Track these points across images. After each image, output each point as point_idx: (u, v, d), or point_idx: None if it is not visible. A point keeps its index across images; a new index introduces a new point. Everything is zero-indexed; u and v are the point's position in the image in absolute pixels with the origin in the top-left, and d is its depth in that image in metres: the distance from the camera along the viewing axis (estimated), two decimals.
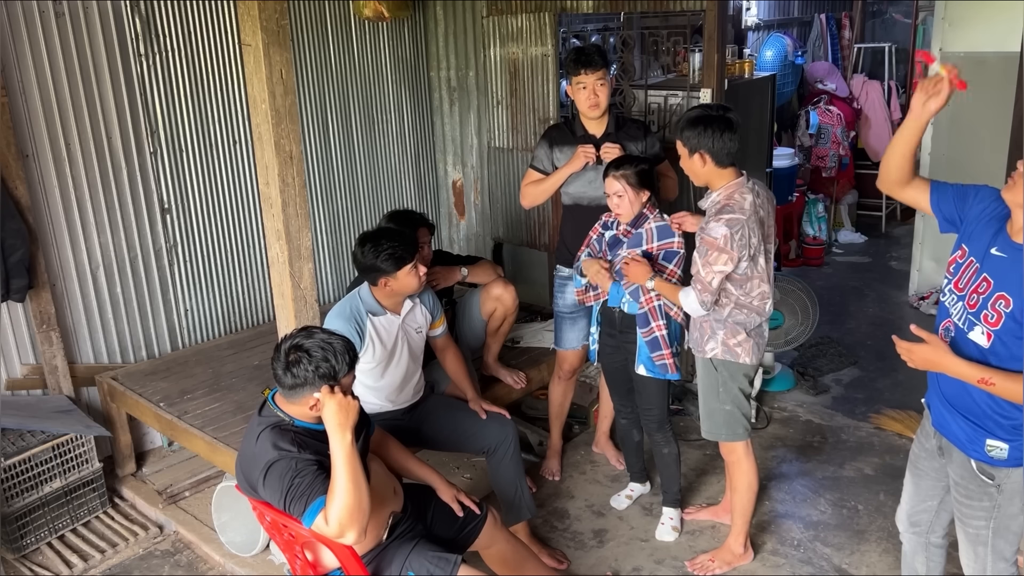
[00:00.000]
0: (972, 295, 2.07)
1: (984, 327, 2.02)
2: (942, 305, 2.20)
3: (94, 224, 3.82)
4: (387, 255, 2.83)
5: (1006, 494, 2.14)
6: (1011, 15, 4.77)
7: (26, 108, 3.54)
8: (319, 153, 4.68)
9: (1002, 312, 1.99)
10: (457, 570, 2.39)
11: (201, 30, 4.09)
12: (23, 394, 3.75)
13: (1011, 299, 1.97)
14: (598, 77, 3.28)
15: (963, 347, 2.08)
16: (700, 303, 2.76)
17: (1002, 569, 2.27)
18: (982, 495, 2.17)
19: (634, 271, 2.99)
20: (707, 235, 2.72)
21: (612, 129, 3.39)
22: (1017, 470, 2.11)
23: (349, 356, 2.21)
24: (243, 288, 4.46)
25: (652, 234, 3.09)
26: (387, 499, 2.46)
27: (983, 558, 2.26)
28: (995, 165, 4.25)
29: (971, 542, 2.27)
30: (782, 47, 7.40)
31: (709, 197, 2.83)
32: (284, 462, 2.15)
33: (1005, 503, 2.15)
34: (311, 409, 2.20)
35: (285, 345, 2.20)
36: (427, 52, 5.14)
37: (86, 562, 3.35)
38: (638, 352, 3.13)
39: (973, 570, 2.32)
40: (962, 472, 2.20)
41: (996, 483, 2.13)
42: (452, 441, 3.16)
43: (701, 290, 2.75)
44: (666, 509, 3.39)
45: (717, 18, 3.94)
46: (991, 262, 2.04)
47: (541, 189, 3.48)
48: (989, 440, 2.09)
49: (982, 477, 2.15)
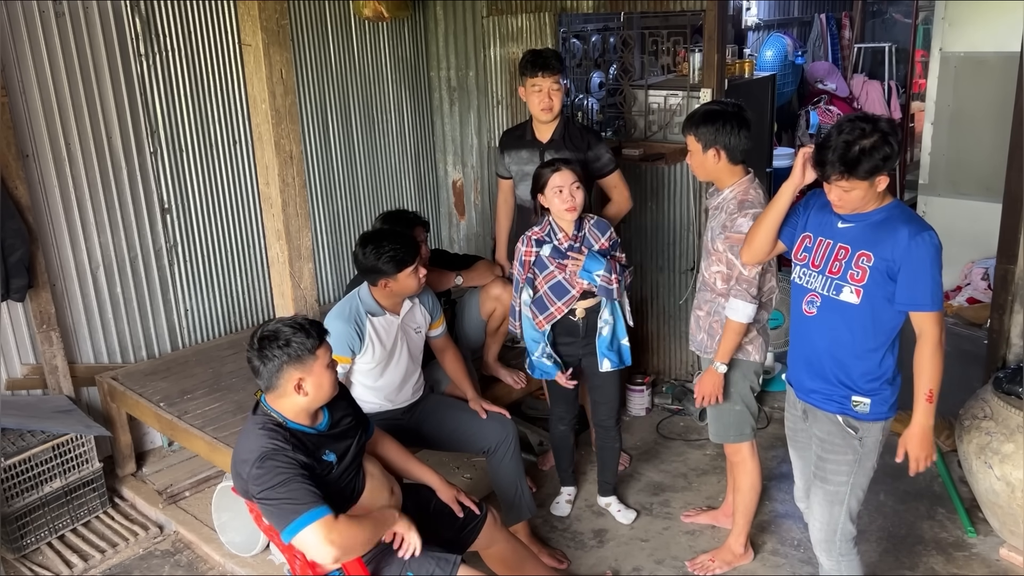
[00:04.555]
0: (833, 263, 2.34)
1: (852, 286, 2.30)
2: (797, 286, 2.45)
3: (94, 224, 3.82)
4: (388, 257, 2.83)
5: (867, 447, 2.41)
6: (1011, 15, 4.77)
7: (26, 108, 3.54)
8: (319, 153, 4.68)
9: (865, 267, 2.27)
10: (457, 570, 2.39)
11: (201, 30, 4.09)
12: (23, 394, 3.75)
13: (871, 253, 2.26)
14: (554, 81, 3.31)
15: (833, 310, 2.35)
16: (751, 301, 2.72)
17: (848, 529, 2.51)
18: (847, 448, 2.41)
19: (706, 386, 2.84)
20: (735, 232, 2.70)
21: (558, 136, 3.41)
22: (876, 424, 2.39)
23: (316, 328, 2.26)
24: (243, 288, 4.46)
25: (595, 232, 3.10)
26: (385, 499, 2.46)
27: (837, 517, 2.48)
28: (995, 165, 4.25)
29: (829, 502, 2.49)
30: (782, 47, 7.40)
31: (718, 196, 2.82)
32: (275, 461, 2.15)
33: (865, 457, 2.42)
34: (297, 391, 2.21)
35: (254, 337, 2.23)
36: (427, 52, 5.14)
37: (86, 562, 3.35)
38: (599, 348, 3.15)
39: (825, 532, 2.52)
40: (829, 428, 2.44)
41: (859, 436, 2.39)
42: (452, 441, 3.16)
43: (747, 287, 2.71)
44: (610, 499, 3.49)
45: (717, 18, 3.94)
46: (842, 234, 2.33)
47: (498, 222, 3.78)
48: (854, 396, 2.37)
49: (848, 429, 2.39)
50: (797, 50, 7.63)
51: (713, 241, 2.81)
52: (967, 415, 3.17)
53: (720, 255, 2.78)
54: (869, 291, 2.28)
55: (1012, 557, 3.10)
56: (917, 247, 2.20)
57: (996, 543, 3.19)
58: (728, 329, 2.76)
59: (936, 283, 2.24)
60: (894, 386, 2.40)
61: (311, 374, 2.22)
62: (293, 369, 2.20)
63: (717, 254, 2.79)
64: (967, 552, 3.19)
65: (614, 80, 4.76)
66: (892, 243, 2.23)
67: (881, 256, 2.25)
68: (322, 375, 2.24)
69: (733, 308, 2.73)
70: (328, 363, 2.27)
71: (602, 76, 4.96)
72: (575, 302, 3.10)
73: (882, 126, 2.16)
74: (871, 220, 2.28)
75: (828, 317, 2.37)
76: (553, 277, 3.08)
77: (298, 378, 2.21)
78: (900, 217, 2.26)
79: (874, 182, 2.19)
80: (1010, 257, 3.33)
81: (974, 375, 3.60)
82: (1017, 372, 3.18)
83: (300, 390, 2.22)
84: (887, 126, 2.17)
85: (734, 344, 2.78)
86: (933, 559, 3.15)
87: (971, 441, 3.09)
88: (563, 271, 3.05)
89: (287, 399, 2.24)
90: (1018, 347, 3.35)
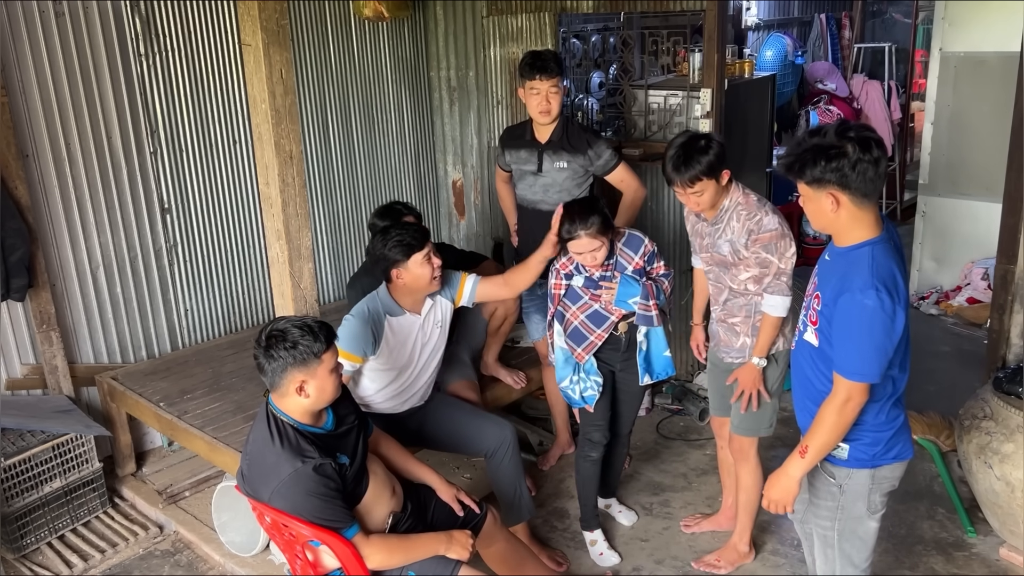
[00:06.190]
0: (806, 298, 2.19)
1: (811, 328, 2.12)
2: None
3: (94, 224, 3.82)
4: (395, 242, 2.80)
5: (848, 495, 2.17)
6: (1011, 15, 4.77)
7: (26, 108, 3.54)
8: (319, 153, 4.68)
9: (816, 310, 2.09)
10: (457, 570, 2.40)
11: (201, 30, 4.09)
12: (23, 394, 3.75)
13: (821, 296, 2.07)
14: (552, 84, 3.30)
15: (802, 349, 2.19)
16: (788, 294, 2.72)
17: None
18: (827, 494, 2.21)
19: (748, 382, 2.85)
20: (763, 232, 2.68)
21: (556, 137, 3.41)
22: (859, 472, 2.15)
23: (324, 332, 2.25)
24: (243, 288, 4.46)
25: (627, 254, 2.96)
26: (387, 499, 2.46)
27: (832, 561, 2.28)
28: (995, 165, 4.25)
29: (821, 543, 2.30)
30: (782, 47, 7.40)
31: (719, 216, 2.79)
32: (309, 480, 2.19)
33: (848, 504, 2.18)
34: (298, 392, 2.22)
35: (263, 334, 2.24)
36: (427, 52, 5.14)
37: (86, 562, 3.35)
38: (640, 362, 3.07)
39: (823, 571, 2.33)
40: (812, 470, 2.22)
41: (837, 483, 2.17)
42: (451, 443, 3.16)
43: (786, 280, 2.72)
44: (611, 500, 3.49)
45: (717, 18, 3.94)
46: (821, 267, 2.16)
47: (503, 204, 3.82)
48: None
49: (825, 475, 2.19)
50: (797, 50, 7.62)
51: (736, 253, 2.74)
52: (967, 415, 3.17)
53: (748, 261, 2.74)
54: (823, 335, 2.08)
55: (1012, 557, 3.10)
56: (845, 304, 1.97)
57: (996, 543, 3.19)
58: (769, 325, 2.78)
59: (857, 350, 1.97)
60: (881, 432, 2.13)
61: (314, 377, 2.22)
62: (297, 371, 2.20)
63: (745, 262, 2.75)
64: (967, 552, 3.19)
65: (614, 80, 4.76)
66: (835, 290, 2.01)
67: (825, 301, 2.06)
68: (325, 379, 2.24)
69: (773, 305, 2.75)
70: (332, 368, 2.26)
71: (602, 76, 4.96)
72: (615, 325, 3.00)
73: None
74: (841, 259, 2.06)
75: (799, 355, 2.23)
76: (589, 307, 2.97)
77: (301, 380, 2.21)
78: (858, 263, 1.99)
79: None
80: (1010, 257, 3.33)
81: (974, 375, 3.61)
82: (1017, 372, 3.18)
83: (302, 392, 2.22)
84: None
85: (773, 338, 2.80)
86: (933, 559, 3.15)
87: (971, 441, 3.09)
88: (598, 300, 2.96)
89: (289, 399, 2.24)
90: (1018, 347, 3.35)
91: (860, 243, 2.01)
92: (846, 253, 2.04)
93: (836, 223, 2.02)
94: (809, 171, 1.97)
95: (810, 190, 2.00)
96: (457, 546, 2.40)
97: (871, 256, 1.98)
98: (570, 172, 3.39)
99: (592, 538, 3.28)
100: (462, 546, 2.41)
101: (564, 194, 3.40)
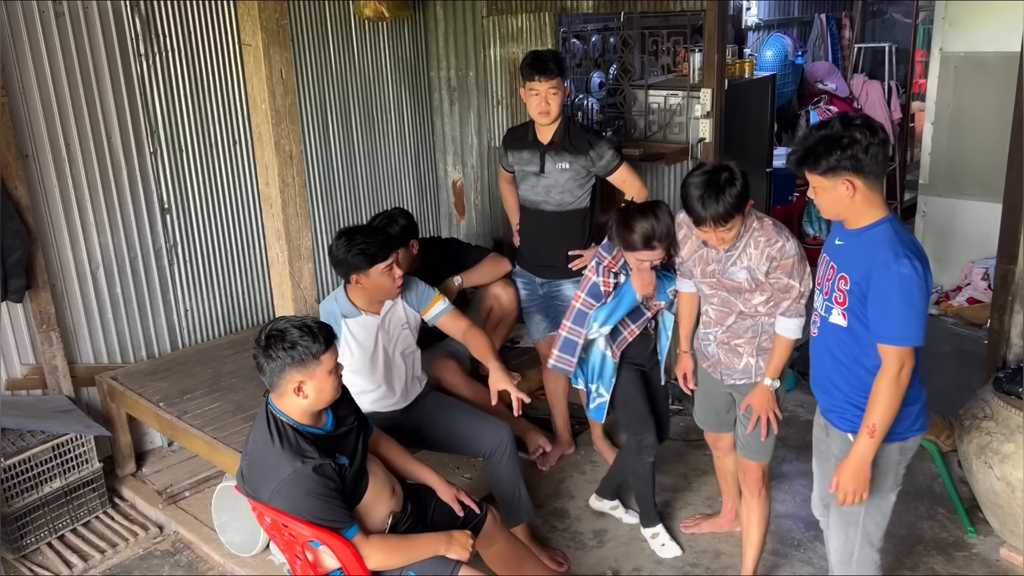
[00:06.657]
0: (826, 283, 2.27)
1: (838, 308, 2.21)
2: (811, 306, 2.42)
3: (94, 224, 3.82)
4: (359, 250, 2.84)
5: (880, 469, 2.26)
6: (1011, 15, 4.77)
7: (26, 108, 3.54)
8: (319, 153, 4.68)
9: (844, 290, 2.18)
10: (457, 570, 2.40)
11: (201, 30, 4.09)
12: (23, 394, 3.75)
13: (847, 276, 2.17)
14: (552, 85, 3.29)
15: (828, 331, 2.28)
16: (803, 315, 2.65)
17: (867, 554, 2.38)
18: None
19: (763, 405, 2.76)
20: (786, 258, 2.57)
21: (558, 138, 3.41)
22: (890, 446, 2.25)
23: (324, 333, 2.25)
24: (243, 288, 4.46)
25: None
26: (387, 499, 2.46)
27: (853, 540, 2.37)
28: (995, 165, 4.25)
29: (844, 523, 2.37)
30: (782, 47, 7.40)
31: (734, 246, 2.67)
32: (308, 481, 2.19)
33: (879, 478, 2.27)
34: (296, 393, 2.22)
35: (262, 334, 2.24)
36: (427, 52, 5.14)
37: (86, 562, 3.35)
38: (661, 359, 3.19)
39: (841, 554, 2.41)
40: (841, 446, 2.31)
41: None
42: (449, 444, 3.16)
43: (803, 301, 2.63)
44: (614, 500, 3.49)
45: (717, 18, 3.94)
46: (834, 251, 2.26)
47: (506, 204, 3.85)
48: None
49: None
50: (797, 50, 7.62)
51: (754, 280, 2.63)
52: (967, 415, 3.17)
53: (764, 286, 2.63)
54: (852, 314, 2.18)
55: (1012, 557, 3.10)
56: (881, 277, 2.07)
57: (996, 543, 3.19)
58: (783, 346, 2.68)
59: (903, 316, 2.07)
60: (913, 405, 2.25)
61: (312, 378, 2.22)
62: (295, 372, 2.20)
63: (761, 287, 2.64)
64: (967, 552, 3.19)
65: (614, 80, 4.76)
66: (864, 267, 2.11)
67: (855, 280, 2.14)
68: (324, 380, 2.24)
69: (791, 328, 2.65)
70: (331, 369, 2.26)
71: (602, 76, 4.96)
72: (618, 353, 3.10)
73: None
74: (858, 238, 2.16)
75: (825, 338, 2.30)
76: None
77: (299, 381, 2.21)
78: (881, 238, 2.11)
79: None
80: (1010, 257, 3.33)
81: (974, 375, 3.61)
82: (1017, 372, 3.18)
83: (300, 392, 2.22)
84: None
85: (785, 359, 2.72)
86: (933, 559, 3.15)
87: (971, 441, 3.09)
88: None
89: (288, 399, 2.25)
90: (1018, 347, 3.35)
91: (876, 221, 2.13)
92: (863, 232, 2.14)
93: (851, 208, 2.13)
94: (824, 161, 2.07)
95: (825, 180, 2.10)
96: (457, 546, 2.40)
97: (892, 230, 2.11)
98: (572, 173, 3.40)
99: (654, 531, 3.30)
100: (462, 546, 2.41)
101: (566, 195, 3.41)
